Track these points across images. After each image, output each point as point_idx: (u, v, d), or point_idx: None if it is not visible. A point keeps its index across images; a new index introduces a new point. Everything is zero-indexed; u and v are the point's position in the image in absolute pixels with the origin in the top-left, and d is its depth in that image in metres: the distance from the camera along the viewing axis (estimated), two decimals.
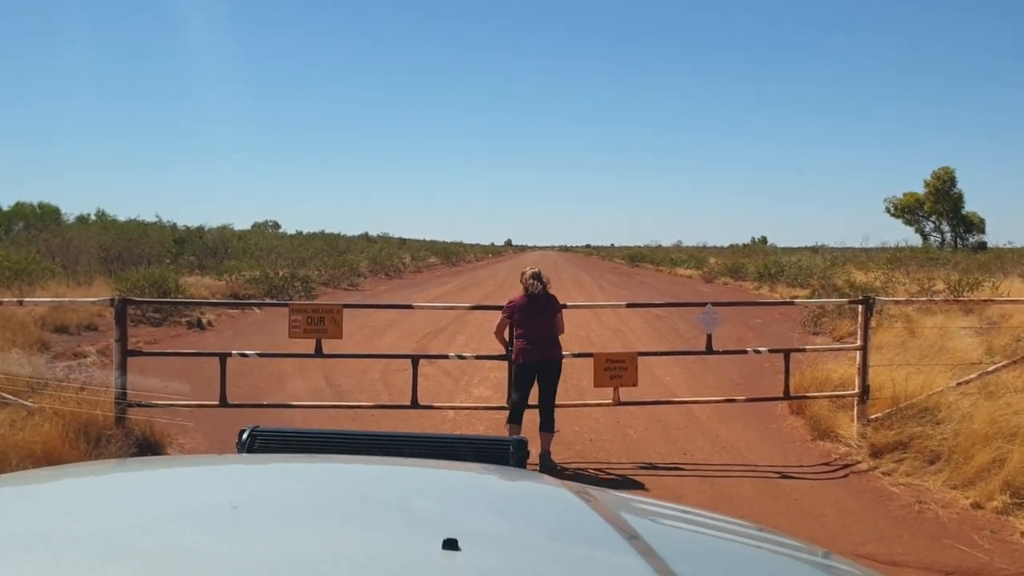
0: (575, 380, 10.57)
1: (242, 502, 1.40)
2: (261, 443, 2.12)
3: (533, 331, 6.96)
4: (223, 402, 6.92)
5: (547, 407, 6.97)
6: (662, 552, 1.26)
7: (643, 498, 2.00)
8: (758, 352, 8.06)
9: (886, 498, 6.13)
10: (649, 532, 1.42)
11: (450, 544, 1.11)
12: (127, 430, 6.56)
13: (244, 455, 2.06)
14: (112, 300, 6.61)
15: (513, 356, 7.05)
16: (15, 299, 7.26)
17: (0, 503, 1.39)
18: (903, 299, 10.13)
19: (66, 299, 10.03)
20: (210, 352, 7.83)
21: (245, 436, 2.13)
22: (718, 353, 7.86)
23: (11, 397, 6.47)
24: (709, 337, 7.63)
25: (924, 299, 13.18)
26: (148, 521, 1.25)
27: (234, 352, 7.36)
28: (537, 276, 7.23)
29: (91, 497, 1.48)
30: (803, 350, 8.26)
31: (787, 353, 7.71)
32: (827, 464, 7.01)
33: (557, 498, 1.65)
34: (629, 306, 11.12)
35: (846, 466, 6.90)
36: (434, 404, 7.79)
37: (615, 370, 7.38)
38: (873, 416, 7.39)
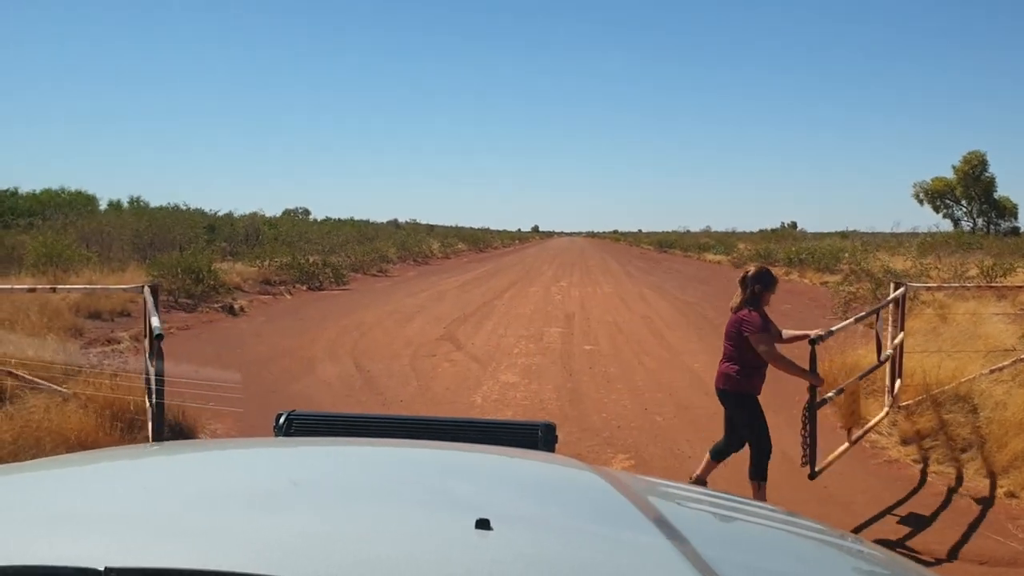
0: (602, 367, 10.58)
1: (284, 483, 1.43)
2: (298, 427, 2.17)
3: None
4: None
5: (750, 449, 5.56)
6: (689, 535, 1.28)
7: (670, 482, 2.02)
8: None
9: (919, 486, 6.07)
10: (676, 515, 1.44)
11: (483, 524, 1.14)
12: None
13: (281, 438, 2.10)
14: (142, 287, 6.69)
15: None
16: (48, 286, 7.34)
17: (52, 483, 1.44)
18: (934, 285, 9.99)
19: (98, 286, 10.13)
20: None
21: (282, 420, 2.18)
22: None
23: (45, 383, 6.57)
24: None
25: (956, 284, 13.00)
26: (196, 501, 1.29)
27: None
28: (743, 280, 5.52)
29: (138, 478, 1.53)
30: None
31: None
32: (857, 451, 6.93)
33: (586, 481, 1.67)
34: None
35: (877, 454, 6.84)
36: None
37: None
38: (904, 403, 7.31)
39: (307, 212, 71.43)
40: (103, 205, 39.12)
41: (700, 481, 5.56)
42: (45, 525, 1.12)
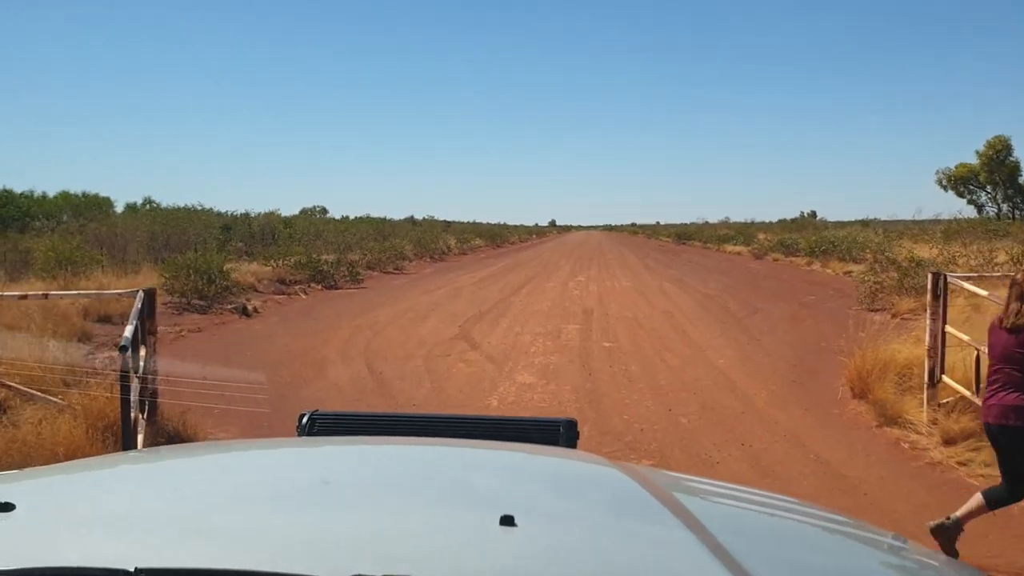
0: (622, 365, 10.22)
1: (309, 482, 1.46)
2: (320, 427, 2.18)
3: (991, 371, 4.51)
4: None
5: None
6: (713, 528, 1.27)
7: (693, 476, 2.01)
8: None
9: (965, 491, 5.63)
10: (700, 509, 1.43)
11: (507, 520, 1.14)
12: (158, 427, 6.33)
13: (305, 438, 2.13)
14: (136, 291, 6.43)
15: None
16: (41, 293, 7.08)
17: (78, 486, 1.46)
18: (974, 275, 9.54)
19: (92, 291, 9.90)
20: None
21: (305, 420, 2.19)
22: None
23: (39, 394, 6.28)
24: None
25: (998, 274, 12.51)
26: (222, 501, 1.32)
27: None
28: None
29: (164, 479, 1.55)
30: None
31: None
32: (897, 453, 6.56)
33: (609, 477, 1.67)
34: None
35: (917, 455, 6.44)
36: None
37: None
38: (944, 400, 6.91)
39: (324, 210, 71.30)
40: (120, 207, 39.14)
41: (957, 524, 4.58)
42: (74, 527, 1.15)
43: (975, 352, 6.16)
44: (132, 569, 0.93)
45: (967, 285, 7.13)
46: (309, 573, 0.94)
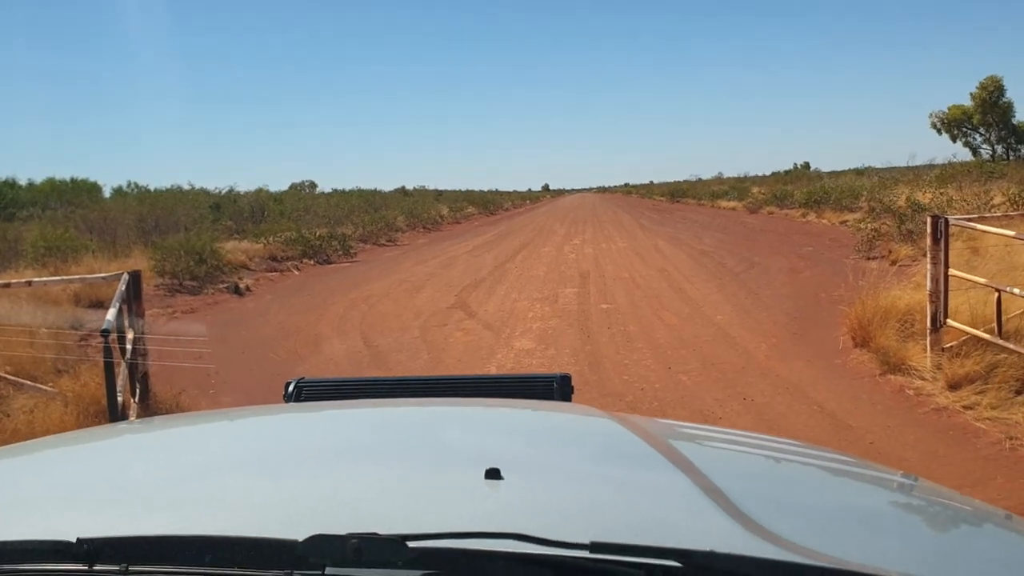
0: (621, 326, 10.12)
1: (288, 448, 1.45)
2: (307, 393, 2.16)
3: None
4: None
5: None
6: (710, 472, 1.24)
7: (690, 423, 1.99)
8: None
9: (972, 435, 5.59)
10: (695, 454, 1.40)
11: (492, 474, 1.12)
12: (151, 410, 6.24)
13: (291, 404, 2.10)
14: (120, 275, 6.32)
15: None
16: (24, 280, 6.97)
17: (53, 459, 1.46)
18: (975, 216, 9.41)
19: (77, 277, 9.78)
20: None
21: (292, 387, 2.16)
22: None
23: (28, 382, 6.18)
24: None
25: (998, 215, 12.39)
26: (199, 469, 1.30)
27: None
28: None
29: (145, 450, 1.53)
30: None
31: None
32: (901, 400, 6.48)
33: (600, 426, 1.64)
34: None
35: (923, 402, 6.36)
36: None
37: None
38: (948, 344, 6.82)
39: (314, 185, 70.66)
40: (106, 191, 38.86)
41: None
42: (25, 501, 1.14)
43: (996, 294, 6.18)
44: (74, 539, 0.90)
45: (982, 227, 7.00)
46: (267, 536, 0.90)
